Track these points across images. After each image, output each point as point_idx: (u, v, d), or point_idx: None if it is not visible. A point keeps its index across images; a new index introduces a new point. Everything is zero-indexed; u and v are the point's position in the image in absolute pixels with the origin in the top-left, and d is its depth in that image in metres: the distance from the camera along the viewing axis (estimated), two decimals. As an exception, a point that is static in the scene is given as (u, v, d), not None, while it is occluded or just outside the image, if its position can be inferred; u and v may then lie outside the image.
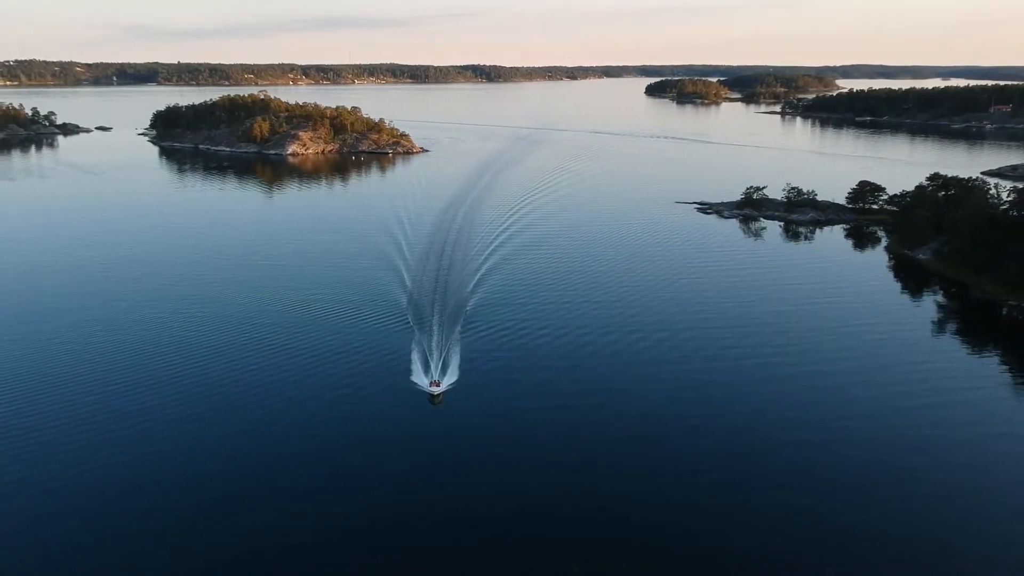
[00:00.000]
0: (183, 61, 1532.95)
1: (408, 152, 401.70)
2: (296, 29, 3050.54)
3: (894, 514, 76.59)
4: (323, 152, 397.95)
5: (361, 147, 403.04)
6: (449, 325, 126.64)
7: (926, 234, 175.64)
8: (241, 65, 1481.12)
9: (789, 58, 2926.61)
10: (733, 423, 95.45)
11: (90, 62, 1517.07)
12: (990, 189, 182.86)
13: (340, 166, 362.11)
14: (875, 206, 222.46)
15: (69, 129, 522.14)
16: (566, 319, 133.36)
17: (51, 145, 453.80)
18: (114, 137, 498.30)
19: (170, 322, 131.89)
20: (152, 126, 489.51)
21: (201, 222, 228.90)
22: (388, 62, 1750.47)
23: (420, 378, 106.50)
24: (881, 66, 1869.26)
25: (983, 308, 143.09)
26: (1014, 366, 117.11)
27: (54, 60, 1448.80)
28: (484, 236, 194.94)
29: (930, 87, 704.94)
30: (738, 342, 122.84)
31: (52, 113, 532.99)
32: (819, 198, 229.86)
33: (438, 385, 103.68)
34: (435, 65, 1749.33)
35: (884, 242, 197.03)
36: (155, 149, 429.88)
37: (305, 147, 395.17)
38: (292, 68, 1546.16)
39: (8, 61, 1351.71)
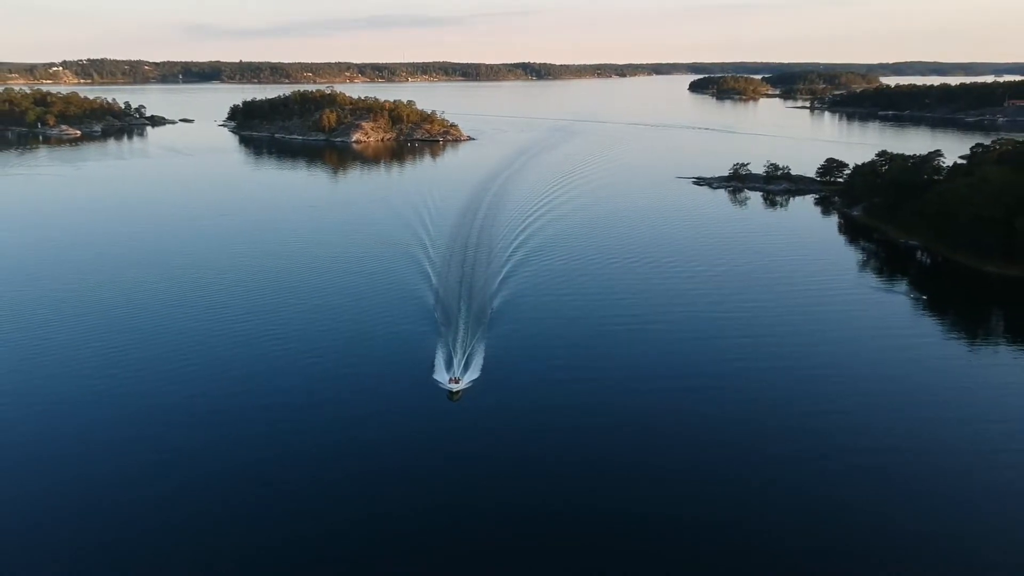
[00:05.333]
0: (244, 60, 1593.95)
1: (456, 140, 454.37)
2: (352, 28, 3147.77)
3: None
4: (383, 140, 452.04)
5: (416, 135, 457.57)
6: (474, 320, 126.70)
7: (860, 196, 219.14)
8: (300, 64, 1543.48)
9: (842, 56, 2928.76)
10: (770, 417, 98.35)
11: (157, 61, 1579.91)
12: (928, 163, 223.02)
13: (397, 152, 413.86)
14: (840, 179, 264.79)
15: (157, 121, 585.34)
16: (586, 308, 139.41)
17: (142, 135, 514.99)
18: (198, 127, 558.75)
19: (193, 311, 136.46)
20: (230, 117, 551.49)
21: (262, 211, 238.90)
22: (440, 60, 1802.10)
23: (442, 375, 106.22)
24: (935, 63, 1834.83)
25: (886, 245, 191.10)
26: (904, 281, 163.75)
27: (124, 59, 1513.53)
28: (514, 214, 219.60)
29: (955, 84, 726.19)
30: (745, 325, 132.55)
31: (142, 106, 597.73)
32: (794, 173, 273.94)
33: (457, 382, 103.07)
34: (486, 63, 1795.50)
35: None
36: (235, 138, 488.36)
37: (367, 135, 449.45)
38: (349, 67, 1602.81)
39: (82, 60, 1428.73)
